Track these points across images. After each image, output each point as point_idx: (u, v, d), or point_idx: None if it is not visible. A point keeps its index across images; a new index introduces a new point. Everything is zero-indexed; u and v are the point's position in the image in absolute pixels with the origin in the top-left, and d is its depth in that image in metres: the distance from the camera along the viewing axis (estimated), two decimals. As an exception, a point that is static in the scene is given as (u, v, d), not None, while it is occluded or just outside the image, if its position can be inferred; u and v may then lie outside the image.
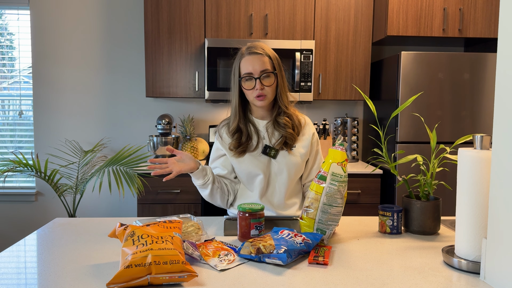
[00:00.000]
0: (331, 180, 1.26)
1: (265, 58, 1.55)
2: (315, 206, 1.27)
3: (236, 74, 1.57)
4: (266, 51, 1.57)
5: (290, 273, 1.06)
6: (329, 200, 1.26)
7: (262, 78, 1.53)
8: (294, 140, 1.60)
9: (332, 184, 1.26)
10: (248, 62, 1.54)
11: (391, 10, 2.90)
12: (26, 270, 1.10)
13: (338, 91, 3.09)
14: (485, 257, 1.01)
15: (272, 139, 1.60)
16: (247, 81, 1.54)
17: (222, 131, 1.66)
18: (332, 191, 1.25)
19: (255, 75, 1.53)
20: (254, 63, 1.53)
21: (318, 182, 1.28)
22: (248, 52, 1.55)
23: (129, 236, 1.04)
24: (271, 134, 1.61)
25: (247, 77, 1.54)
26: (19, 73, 3.39)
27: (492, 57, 2.78)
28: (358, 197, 2.86)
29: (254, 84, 1.53)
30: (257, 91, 1.52)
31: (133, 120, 3.36)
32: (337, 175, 1.26)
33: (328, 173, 1.27)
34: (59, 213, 3.33)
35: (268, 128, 1.61)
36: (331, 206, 1.26)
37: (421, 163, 1.44)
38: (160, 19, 2.98)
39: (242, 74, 1.55)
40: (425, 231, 1.38)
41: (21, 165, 2.74)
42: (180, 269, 0.95)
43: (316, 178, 1.29)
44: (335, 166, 1.27)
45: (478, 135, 1.11)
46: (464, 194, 1.10)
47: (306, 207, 1.29)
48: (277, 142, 1.59)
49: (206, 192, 1.60)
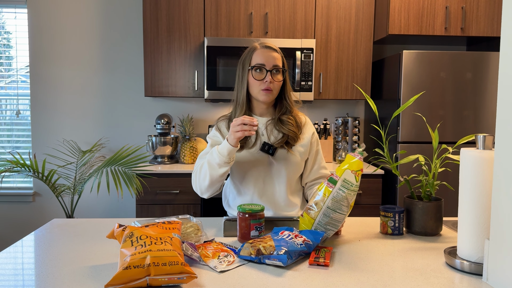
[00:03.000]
0: (341, 186, 1.24)
1: (278, 55, 1.59)
2: (319, 207, 1.26)
3: (246, 65, 1.58)
4: (278, 49, 1.61)
5: (290, 275, 1.06)
6: (334, 205, 1.25)
7: (273, 72, 1.55)
8: (296, 139, 1.60)
9: (341, 190, 1.24)
10: (262, 55, 1.56)
11: (392, 9, 2.90)
12: (24, 271, 1.10)
13: (339, 90, 3.09)
14: (488, 258, 1.01)
15: (271, 137, 1.61)
16: (258, 72, 1.55)
17: (221, 125, 1.66)
18: (339, 197, 1.24)
19: (267, 67, 1.54)
20: (268, 56, 1.55)
21: (328, 185, 1.27)
22: (262, 46, 1.58)
23: (128, 237, 1.04)
24: (270, 132, 1.61)
25: (259, 67, 1.55)
26: (16, 72, 3.39)
27: (495, 56, 2.78)
28: (359, 197, 2.86)
29: (264, 76, 1.54)
30: (266, 83, 1.53)
31: (132, 120, 3.36)
32: (348, 183, 1.24)
33: (340, 178, 1.25)
34: (57, 214, 3.33)
35: (268, 125, 1.62)
36: (335, 211, 1.25)
37: (423, 163, 1.44)
38: (159, 17, 2.98)
39: (253, 64, 1.56)
40: (427, 232, 1.38)
41: (19, 165, 2.74)
42: (179, 271, 0.95)
43: (327, 180, 1.28)
44: (348, 173, 1.25)
45: (480, 135, 1.11)
46: (467, 194, 1.10)
47: (310, 206, 1.29)
48: (278, 140, 1.59)
49: (222, 171, 1.48)
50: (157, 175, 2.79)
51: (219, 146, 1.48)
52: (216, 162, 1.47)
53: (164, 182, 2.80)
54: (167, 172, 2.80)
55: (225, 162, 1.46)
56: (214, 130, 1.67)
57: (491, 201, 1.01)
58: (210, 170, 1.49)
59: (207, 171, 1.50)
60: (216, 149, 1.48)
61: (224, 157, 1.45)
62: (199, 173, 1.55)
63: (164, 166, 2.94)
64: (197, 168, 1.58)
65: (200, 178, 1.55)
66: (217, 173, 1.49)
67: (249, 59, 1.57)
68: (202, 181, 1.54)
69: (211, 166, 1.49)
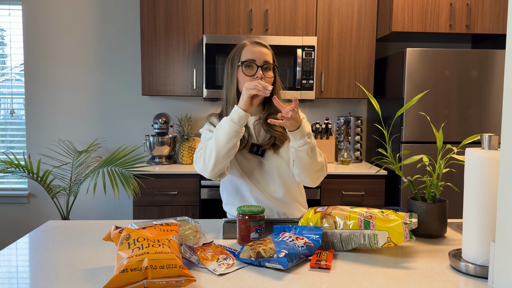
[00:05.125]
0: (368, 236, 1.20)
1: (268, 51, 1.58)
2: (332, 227, 1.24)
3: (235, 62, 1.57)
4: (268, 46, 1.60)
5: (291, 278, 1.06)
6: (345, 239, 1.23)
7: (264, 69, 1.55)
8: (284, 139, 1.60)
9: (365, 238, 1.20)
10: (252, 51, 1.55)
11: (396, 5, 2.90)
12: (18, 274, 1.09)
13: (341, 89, 3.09)
14: (494, 261, 1.01)
15: (259, 138, 1.61)
16: (248, 68, 1.55)
17: (212, 118, 1.66)
18: (356, 239, 1.21)
19: (258, 63, 1.54)
20: (258, 52, 1.55)
21: (359, 222, 1.21)
22: (252, 42, 1.58)
23: (125, 239, 1.04)
24: (258, 132, 1.61)
25: (249, 63, 1.54)
26: (10, 71, 3.39)
27: (501, 54, 2.78)
28: (361, 198, 2.86)
29: (254, 71, 1.54)
30: (256, 79, 1.52)
31: (129, 119, 3.36)
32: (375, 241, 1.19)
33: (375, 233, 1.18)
34: (52, 215, 3.34)
35: (255, 125, 1.62)
36: (340, 241, 1.24)
37: (427, 163, 1.44)
38: (156, 14, 2.98)
39: (244, 60, 1.55)
40: (431, 234, 1.38)
41: (13, 166, 2.74)
42: (178, 274, 0.95)
43: (362, 217, 1.21)
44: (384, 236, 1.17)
45: (486, 134, 1.11)
46: (472, 195, 1.10)
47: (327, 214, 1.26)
48: (265, 141, 1.59)
49: (231, 143, 1.42)
50: (154, 175, 2.79)
51: (228, 116, 1.43)
52: (225, 132, 1.40)
53: (162, 183, 2.80)
54: (165, 173, 2.81)
55: (235, 131, 1.39)
56: (206, 124, 1.66)
57: (497, 203, 1.01)
58: (218, 144, 1.42)
59: (213, 147, 1.43)
60: (225, 119, 1.43)
61: (235, 124, 1.39)
62: (204, 151, 1.48)
63: (162, 167, 2.94)
64: (201, 148, 1.52)
65: (206, 154, 1.47)
66: (225, 147, 1.41)
67: (239, 55, 1.56)
68: (207, 160, 1.46)
69: (218, 140, 1.42)
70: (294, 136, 1.42)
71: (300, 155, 1.46)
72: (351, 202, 2.84)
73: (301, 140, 1.42)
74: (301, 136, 1.42)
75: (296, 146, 1.44)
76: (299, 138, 1.42)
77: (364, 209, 1.27)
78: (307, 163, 1.48)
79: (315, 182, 1.57)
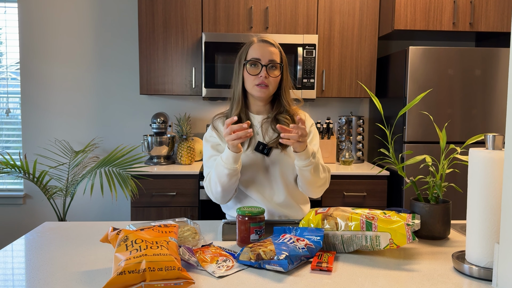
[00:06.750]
0: (368, 239, 1.20)
1: (275, 50, 1.59)
2: (333, 228, 1.24)
3: (242, 59, 1.59)
4: (277, 44, 1.61)
5: (291, 280, 1.06)
6: (347, 241, 1.23)
7: (269, 67, 1.56)
8: None
9: (366, 240, 1.20)
10: (258, 49, 1.56)
11: (398, 3, 2.90)
12: (14, 276, 1.09)
13: (343, 88, 3.10)
14: (498, 263, 1.01)
15: (266, 136, 1.61)
16: (253, 67, 1.56)
17: (217, 123, 1.67)
18: (358, 241, 1.21)
19: (263, 62, 1.55)
20: (264, 51, 1.56)
21: (361, 223, 1.20)
22: (260, 40, 1.59)
23: (122, 241, 1.04)
24: (266, 131, 1.62)
25: (254, 62, 1.56)
26: (6, 69, 3.39)
27: (505, 52, 2.78)
28: (363, 199, 2.86)
29: (259, 70, 1.55)
30: (260, 78, 1.54)
31: (127, 119, 3.36)
32: (378, 242, 1.19)
33: (377, 234, 1.18)
34: (49, 216, 3.34)
35: (263, 124, 1.62)
36: (341, 243, 1.23)
37: (430, 164, 1.44)
38: (154, 12, 2.98)
39: (249, 58, 1.56)
40: (434, 235, 1.38)
41: (8, 166, 2.74)
42: (176, 276, 0.95)
43: (364, 219, 1.21)
44: (387, 237, 1.17)
45: (490, 134, 1.11)
46: (475, 196, 1.10)
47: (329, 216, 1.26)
48: (272, 140, 1.60)
49: (233, 179, 1.51)
50: (153, 176, 2.79)
51: (223, 155, 1.49)
52: (224, 173, 1.49)
53: (160, 184, 2.80)
54: (163, 173, 2.81)
55: (233, 169, 1.48)
56: (210, 129, 1.67)
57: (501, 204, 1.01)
58: (220, 179, 1.51)
59: (217, 182, 1.52)
60: (221, 159, 1.49)
61: (231, 165, 1.47)
62: (209, 183, 1.57)
63: (160, 167, 2.94)
64: (207, 178, 1.60)
65: (212, 187, 1.57)
66: (228, 181, 1.51)
67: (245, 53, 1.58)
68: (214, 191, 1.56)
69: (220, 176, 1.50)
70: (299, 157, 1.49)
71: (304, 173, 1.53)
72: (352, 203, 2.84)
73: (306, 160, 1.49)
74: (306, 157, 1.49)
75: (301, 165, 1.51)
76: (304, 159, 1.49)
77: (366, 210, 1.28)
78: (310, 180, 1.56)
79: (317, 195, 1.65)
